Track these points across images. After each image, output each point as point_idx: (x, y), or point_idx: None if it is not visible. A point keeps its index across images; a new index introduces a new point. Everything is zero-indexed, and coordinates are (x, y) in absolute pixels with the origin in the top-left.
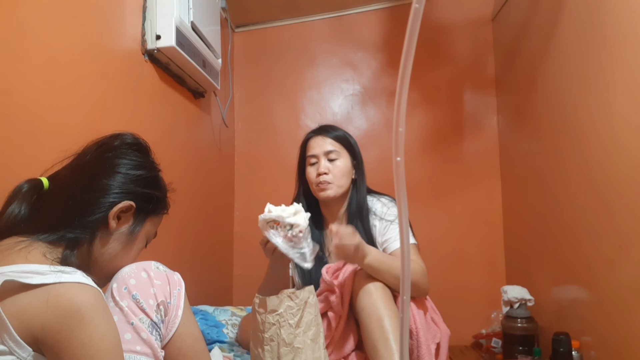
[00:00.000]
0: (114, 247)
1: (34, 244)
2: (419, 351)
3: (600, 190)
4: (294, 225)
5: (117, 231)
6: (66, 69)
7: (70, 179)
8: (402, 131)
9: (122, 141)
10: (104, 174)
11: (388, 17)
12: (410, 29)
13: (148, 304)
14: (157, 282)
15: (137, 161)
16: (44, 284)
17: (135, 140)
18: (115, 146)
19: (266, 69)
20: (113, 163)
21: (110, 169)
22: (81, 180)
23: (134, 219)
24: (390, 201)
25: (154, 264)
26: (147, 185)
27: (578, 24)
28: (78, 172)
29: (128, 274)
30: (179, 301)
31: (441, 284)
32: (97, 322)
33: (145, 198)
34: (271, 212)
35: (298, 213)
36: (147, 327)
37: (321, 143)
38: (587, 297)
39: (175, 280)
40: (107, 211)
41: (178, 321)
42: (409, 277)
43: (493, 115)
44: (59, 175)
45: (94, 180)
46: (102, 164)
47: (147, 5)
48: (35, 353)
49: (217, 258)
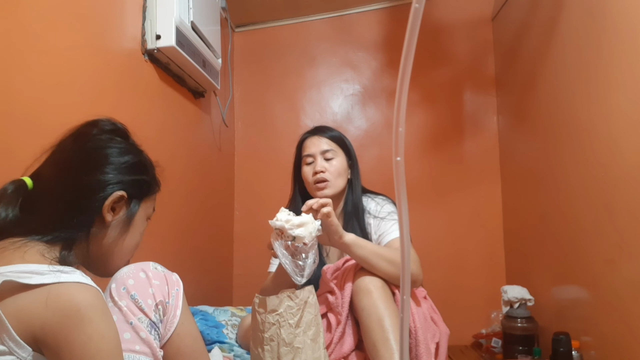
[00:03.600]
0: (114, 237)
1: (29, 243)
2: (417, 350)
3: (600, 190)
4: (297, 238)
5: (114, 221)
6: (66, 68)
7: (55, 178)
8: (402, 131)
9: (100, 129)
10: (89, 168)
11: (388, 17)
12: (410, 28)
13: (147, 304)
14: (156, 282)
15: (120, 148)
16: (43, 284)
17: (113, 125)
18: (94, 135)
19: (266, 69)
20: (96, 155)
21: (95, 162)
22: (68, 178)
23: (128, 207)
24: (384, 200)
25: (152, 264)
26: (135, 171)
27: (578, 23)
28: (62, 169)
29: (126, 274)
30: (177, 301)
31: (441, 283)
32: (97, 322)
33: (136, 184)
34: (278, 220)
35: (304, 225)
36: (145, 327)
37: (317, 142)
38: (587, 297)
39: (174, 280)
40: (100, 206)
41: (176, 321)
42: (409, 277)
43: (493, 115)
44: (41, 173)
45: (80, 177)
46: (85, 157)
47: (147, 5)
48: (35, 353)
49: (217, 258)
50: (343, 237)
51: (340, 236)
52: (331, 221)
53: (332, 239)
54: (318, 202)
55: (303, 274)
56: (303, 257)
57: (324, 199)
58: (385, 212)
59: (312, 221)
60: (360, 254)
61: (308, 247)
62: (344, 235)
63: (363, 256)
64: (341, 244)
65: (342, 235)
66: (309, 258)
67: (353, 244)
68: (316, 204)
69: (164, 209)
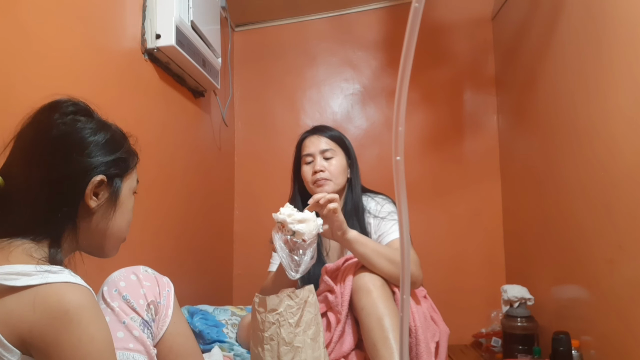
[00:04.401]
0: (103, 221)
1: (14, 243)
2: (417, 349)
3: (600, 189)
4: (297, 233)
5: (99, 206)
6: (66, 67)
7: (27, 174)
8: (402, 130)
9: (62, 112)
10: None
11: (388, 16)
12: (410, 28)
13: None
14: (147, 284)
15: (87, 129)
16: (30, 286)
17: (74, 105)
18: (56, 121)
19: (266, 68)
20: (64, 143)
21: (64, 150)
22: (39, 172)
23: (110, 188)
24: (384, 199)
25: (143, 267)
26: (108, 150)
27: (577, 23)
28: (31, 164)
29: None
30: (169, 301)
31: (441, 283)
32: (86, 322)
33: (113, 164)
34: (281, 214)
35: (305, 222)
36: (138, 325)
37: (316, 142)
38: (587, 297)
39: (164, 282)
40: (81, 194)
41: (168, 320)
42: (408, 277)
43: (493, 115)
44: (11, 170)
45: (52, 169)
46: (52, 148)
47: (147, 4)
48: (24, 356)
49: (217, 258)
50: (346, 234)
51: (344, 232)
52: (337, 217)
53: (335, 234)
54: (325, 197)
55: (298, 270)
56: (300, 253)
57: (331, 194)
58: (385, 211)
59: (315, 219)
60: (362, 251)
61: (307, 244)
62: (347, 232)
63: (364, 253)
64: (344, 239)
65: (345, 232)
66: (306, 255)
67: (355, 240)
68: (323, 199)
69: (165, 209)
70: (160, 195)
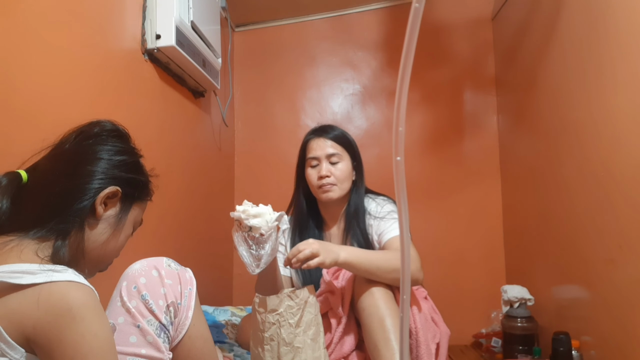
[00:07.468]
0: (103, 234)
1: (24, 241)
2: (418, 350)
3: (600, 189)
4: (253, 228)
5: (105, 217)
6: (66, 68)
7: (50, 169)
8: (402, 131)
9: (102, 128)
10: (86, 160)
11: (388, 16)
12: (410, 28)
13: (157, 305)
14: (168, 282)
15: (118, 147)
16: (35, 284)
17: (114, 127)
18: (95, 133)
19: (266, 69)
20: (94, 150)
21: (92, 155)
22: (63, 168)
23: (120, 205)
24: (385, 200)
25: (166, 261)
26: (130, 170)
27: (578, 23)
28: (58, 161)
29: (138, 271)
30: (190, 301)
31: (441, 283)
32: (89, 320)
33: (130, 183)
34: (237, 212)
35: (260, 215)
36: (154, 330)
37: (322, 145)
38: (587, 297)
39: (187, 278)
40: (94, 197)
41: (188, 323)
42: (408, 277)
43: (493, 115)
44: (38, 166)
45: (76, 167)
46: (83, 151)
47: (147, 4)
48: (27, 354)
49: (217, 258)
50: (338, 260)
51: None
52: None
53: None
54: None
55: (259, 264)
56: (259, 248)
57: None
58: (385, 211)
59: (270, 212)
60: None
61: (265, 237)
62: (338, 258)
63: (363, 270)
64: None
65: (336, 259)
66: (264, 249)
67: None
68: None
69: (164, 209)
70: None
